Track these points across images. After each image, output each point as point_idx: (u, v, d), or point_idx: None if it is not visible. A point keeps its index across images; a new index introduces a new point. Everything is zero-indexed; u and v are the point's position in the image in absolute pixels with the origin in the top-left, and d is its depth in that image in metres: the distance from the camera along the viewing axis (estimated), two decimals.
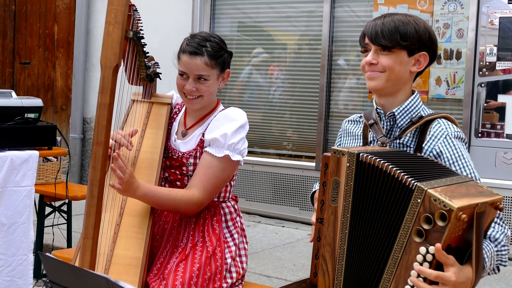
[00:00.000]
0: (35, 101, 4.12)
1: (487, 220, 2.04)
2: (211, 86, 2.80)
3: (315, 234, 2.29)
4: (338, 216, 2.18)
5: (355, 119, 2.58)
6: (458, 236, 1.93)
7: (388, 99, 2.40)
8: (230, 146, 2.75)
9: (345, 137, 2.58)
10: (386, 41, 2.31)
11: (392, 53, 2.33)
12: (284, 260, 5.15)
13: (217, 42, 2.81)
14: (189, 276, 2.60)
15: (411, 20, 2.36)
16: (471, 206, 1.91)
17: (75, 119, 8.09)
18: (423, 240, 1.93)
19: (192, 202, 2.71)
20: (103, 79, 2.43)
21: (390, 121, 2.39)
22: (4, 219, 3.68)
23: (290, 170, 6.55)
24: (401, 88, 2.38)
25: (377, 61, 2.34)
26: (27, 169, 3.76)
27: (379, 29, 2.33)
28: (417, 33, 2.35)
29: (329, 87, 6.45)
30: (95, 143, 2.41)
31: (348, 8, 6.40)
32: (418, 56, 2.37)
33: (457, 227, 1.90)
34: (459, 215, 1.86)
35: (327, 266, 2.22)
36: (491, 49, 5.52)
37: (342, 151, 2.16)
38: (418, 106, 2.39)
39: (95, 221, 2.41)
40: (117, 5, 2.45)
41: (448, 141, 2.27)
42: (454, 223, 1.88)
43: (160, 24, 7.20)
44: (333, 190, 2.19)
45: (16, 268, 3.76)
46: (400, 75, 2.35)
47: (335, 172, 2.19)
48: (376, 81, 2.36)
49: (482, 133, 5.54)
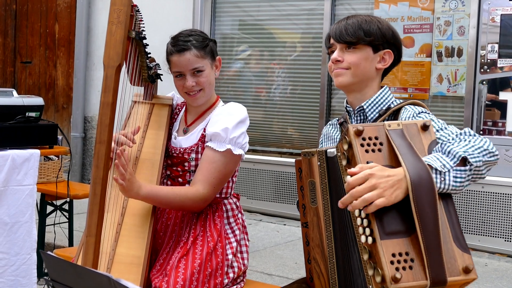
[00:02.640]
0: (36, 100, 4.12)
1: (421, 140, 2.00)
2: (208, 76, 2.84)
3: (303, 239, 2.31)
4: (320, 216, 2.19)
5: (333, 122, 2.61)
6: (381, 155, 1.93)
7: (356, 95, 2.42)
8: (232, 140, 2.76)
9: (326, 142, 2.61)
10: (350, 38, 2.35)
11: (357, 49, 2.37)
12: (286, 258, 5.15)
13: (199, 34, 2.87)
14: (190, 272, 2.61)
15: (374, 19, 2.42)
16: (372, 125, 1.95)
17: (76, 118, 8.09)
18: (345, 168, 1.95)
19: (197, 198, 2.72)
20: (106, 79, 2.44)
21: (360, 116, 2.42)
22: (6, 218, 3.68)
23: (292, 168, 6.54)
24: (368, 84, 2.41)
25: (343, 58, 2.38)
26: (29, 168, 3.76)
27: (343, 28, 2.38)
28: (380, 31, 2.39)
29: (330, 85, 6.44)
30: (98, 141, 2.42)
31: (349, 6, 6.39)
32: (382, 53, 2.40)
33: (369, 144, 1.92)
34: (354, 130, 1.90)
35: (320, 268, 2.24)
36: (493, 46, 5.51)
37: (311, 151, 2.19)
38: (387, 99, 2.41)
39: (98, 219, 2.42)
40: (120, 5, 2.46)
41: (415, 118, 2.25)
42: (356, 139, 1.91)
43: (161, 24, 7.19)
44: (311, 192, 2.21)
45: (20, 268, 3.76)
46: (366, 71, 2.38)
47: (308, 174, 2.21)
48: (343, 77, 2.39)
49: (484, 130, 5.53)
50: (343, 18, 2.45)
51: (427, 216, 1.84)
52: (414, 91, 5.90)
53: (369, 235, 1.85)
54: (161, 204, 2.76)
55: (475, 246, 5.46)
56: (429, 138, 2.01)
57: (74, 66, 8.15)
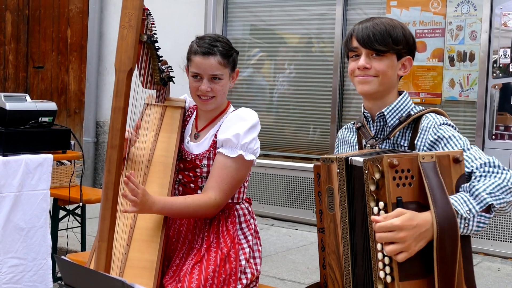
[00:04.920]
0: (49, 105, 4.13)
1: (450, 174, 2.02)
2: (224, 86, 2.83)
3: (319, 244, 2.30)
4: (337, 223, 2.18)
5: (349, 126, 2.59)
6: (411, 190, 1.94)
7: (376, 102, 2.40)
8: (243, 146, 2.76)
9: (342, 146, 2.59)
10: (380, 46, 2.32)
11: (384, 57, 2.34)
12: (298, 263, 5.15)
13: (226, 42, 2.85)
14: (204, 278, 2.61)
15: (397, 24, 2.38)
16: (407, 156, 1.94)
17: (88, 123, 8.12)
18: (376, 203, 1.95)
19: (210, 205, 2.71)
20: (118, 83, 2.43)
21: (380, 122, 2.40)
22: (22, 224, 3.69)
23: (303, 173, 6.55)
24: (390, 91, 2.39)
25: (371, 66, 2.34)
26: (42, 172, 3.78)
27: (371, 33, 2.33)
28: (405, 37, 2.37)
29: (342, 89, 6.44)
30: (109, 146, 2.42)
31: (361, 10, 6.39)
32: (404, 60, 2.39)
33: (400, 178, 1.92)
34: (388, 161, 1.89)
35: (335, 275, 2.22)
36: (505, 51, 5.49)
37: (330, 158, 2.17)
38: (407, 105, 2.39)
39: (110, 224, 2.42)
40: (131, 9, 2.45)
41: (436, 129, 2.25)
42: (389, 171, 1.90)
43: (173, 28, 7.21)
44: (329, 198, 2.20)
45: (37, 273, 3.77)
46: (391, 79, 2.37)
47: (327, 180, 2.19)
48: (369, 85, 2.35)
49: (496, 135, 5.51)
50: (366, 19, 2.40)
51: (446, 261, 1.90)
52: (426, 95, 5.89)
53: (389, 274, 1.91)
54: (175, 214, 2.76)
55: (488, 251, 5.43)
56: (458, 172, 2.04)
57: (86, 71, 8.18)
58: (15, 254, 3.67)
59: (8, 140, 3.73)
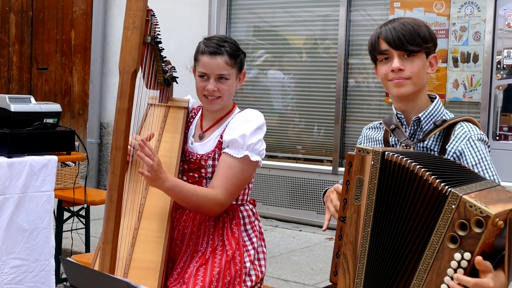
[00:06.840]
0: (53, 106, 4.13)
1: None
2: (231, 86, 2.83)
3: (337, 233, 2.27)
4: (361, 214, 2.16)
5: (375, 125, 2.58)
6: (491, 242, 1.91)
7: (409, 104, 2.39)
8: (249, 147, 2.76)
9: (366, 142, 2.57)
10: (412, 46, 2.30)
11: (415, 57, 2.32)
12: (302, 264, 5.15)
13: (234, 43, 2.86)
14: (209, 280, 2.61)
15: (421, 23, 2.37)
16: (505, 212, 1.89)
17: (92, 124, 8.13)
18: (457, 246, 1.90)
19: (216, 202, 2.71)
20: (122, 84, 2.44)
21: (414, 126, 2.39)
22: (25, 225, 3.70)
23: (307, 174, 6.55)
24: (422, 91, 2.39)
25: (404, 68, 2.32)
26: (47, 174, 3.78)
27: (400, 34, 2.31)
28: (431, 35, 2.36)
29: (345, 90, 6.44)
30: (114, 148, 2.42)
31: (364, 11, 6.39)
32: (431, 58, 2.38)
33: (492, 233, 1.88)
34: (495, 222, 1.84)
35: (348, 265, 2.21)
36: (509, 51, 5.49)
37: (366, 149, 2.14)
38: (441, 110, 2.39)
39: (115, 226, 2.42)
40: (135, 10, 2.46)
41: (470, 143, 2.27)
42: (490, 229, 1.85)
43: (176, 29, 7.22)
44: (357, 188, 2.17)
45: (39, 274, 3.77)
46: (423, 79, 2.36)
47: (359, 170, 2.17)
48: (406, 87, 2.34)
49: (500, 136, 5.51)
50: (390, 20, 2.39)
51: None
52: None
53: None
54: (180, 200, 2.74)
55: None
56: None
57: (90, 73, 8.19)
58: (18, 255, 3.67)
59: (12, 141, 3.73)
